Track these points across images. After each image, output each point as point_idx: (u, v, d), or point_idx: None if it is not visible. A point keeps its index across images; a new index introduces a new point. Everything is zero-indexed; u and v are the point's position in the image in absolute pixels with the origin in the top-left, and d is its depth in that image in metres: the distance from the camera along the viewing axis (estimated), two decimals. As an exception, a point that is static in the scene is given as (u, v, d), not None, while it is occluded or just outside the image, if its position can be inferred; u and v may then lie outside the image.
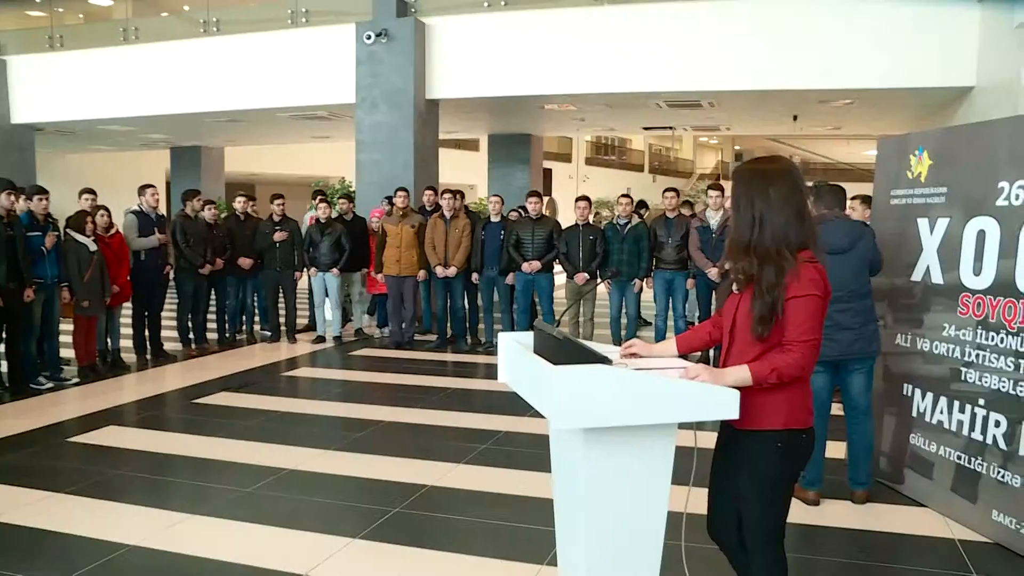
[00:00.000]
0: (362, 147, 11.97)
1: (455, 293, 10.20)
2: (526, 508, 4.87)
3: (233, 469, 5.73)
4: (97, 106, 14.64)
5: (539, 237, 9.55)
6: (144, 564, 4.20)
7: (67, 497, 5.17)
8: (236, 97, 13.45)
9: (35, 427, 6.84)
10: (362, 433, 6.61)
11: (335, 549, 4.32)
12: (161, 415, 7.46)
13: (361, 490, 5.31)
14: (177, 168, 20.43)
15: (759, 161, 2.87)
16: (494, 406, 7.34)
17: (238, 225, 10.57)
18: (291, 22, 12.92)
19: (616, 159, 41.34)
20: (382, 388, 8.41)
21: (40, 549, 4.40)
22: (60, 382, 8.36)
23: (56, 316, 8.33)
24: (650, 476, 2.71)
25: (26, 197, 8.07)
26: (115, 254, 8.85)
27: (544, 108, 13.97)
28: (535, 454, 5.85)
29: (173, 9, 17.30)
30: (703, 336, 3.14)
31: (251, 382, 8.56)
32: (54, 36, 15.28)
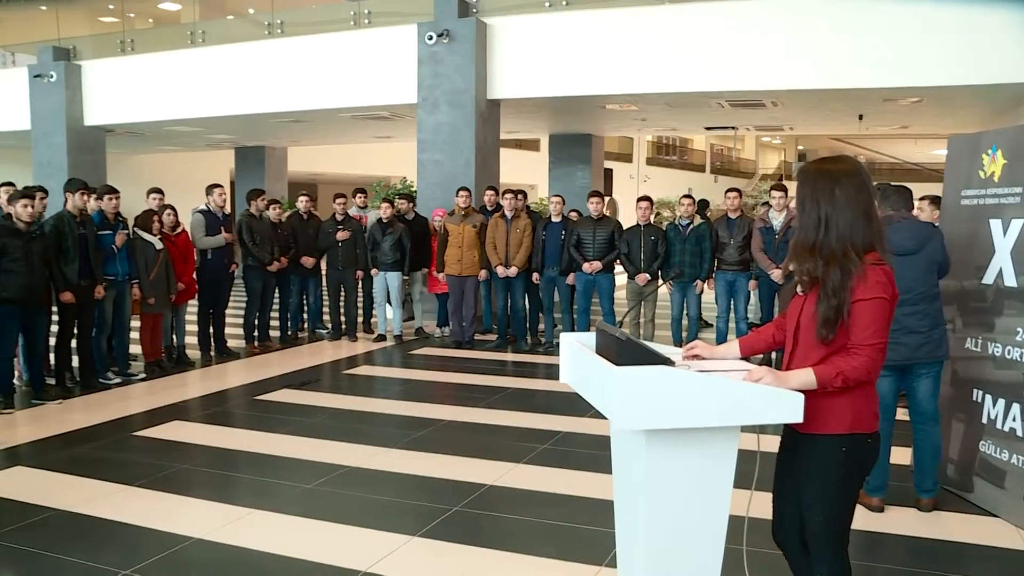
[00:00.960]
0: (423, 147, 12.02)
1: (516, 293, 10.20)
2: (585, 509, 4.85)
3: (295, 465, 5.79)
4: (165, 108, 14.91)
5: (600, 237, 9.52)
6: (207, 557, 4.26)
7: (134, 490, 5.28)
8: (300, 98, 13.60)
9: (104, 421, 7.00)
10: (422, 432, 6.64)
11: (395, 546, 4.35)
12: (225, 411, 7.58)
13: (421, 488, 5.34)
14: (241, 168, 20.72)
15: (825, 161, 2.83)
16: (554, 406, 7.33)
17: (301, 224, 10.69)
18: (354, 23, 13.03)
19: (677, 159, 41.03)
20: (442, 387, 8.45)
21: (109, 539, 4.50)
22: (128, 377, 8.54)
23: (126, 313, 8.51)
24: (712, 479, 2.68)
25: (97, 197, 8.25)
26: (181, 252, 9.01)
27: (605, 108, 13.91)
28: (595, 455, 5.83)
29: (238, 12, 17.57)
30: (766, 338, 3.10)
31: (313, 380, 8.66)
32: (125, 41, 15.60)
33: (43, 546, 4.37)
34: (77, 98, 15.53)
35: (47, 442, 6.42)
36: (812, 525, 2.79)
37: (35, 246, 7.14)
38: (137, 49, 15.32)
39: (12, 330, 7.26)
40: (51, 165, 15.38)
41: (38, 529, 4.63)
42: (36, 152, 15.79)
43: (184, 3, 17.44)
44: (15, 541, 4.45)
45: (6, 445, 6.31)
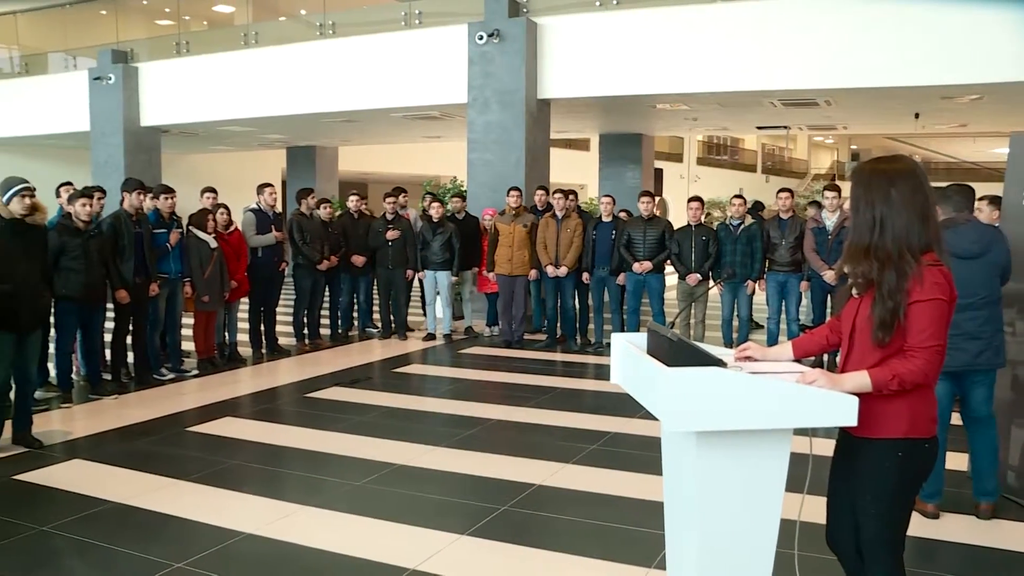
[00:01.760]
0: (474, 147, 12.04)
1: (566, 293, 10.18)
2: (635, 510, 4.83)
3: (344, 462, 5.83)
4: (219, 108, 15.10)
5: (651, 237, 9.47)
6: (258, 551, 4.31)
7: (187, 484, 5.35)
8: (351, 98, 13.69)
9: (157, 416, 7.10)
10: (471, 431, 6.65)
11: (443, 544, 4.35)
12: (275, 408, 7.65)
13: (469, 487, 5.34)
14: (293, 167, 20.92)
15: (880, 161, 2.78)
16: (603, 406, 7.30)
17: (352, 223, 10.77)
18: (404, 23, 13.09)
19: (728, 159, 40.70)
20: (491, 386, 8.45)
21: (162, 532, 4.57)
22: (181, 374, 8.65)
23: (179, 310, 8.63)
24: (764, 482, 2.66)
25: (153, 196, 8.37)
26: (234, 251, 9.11)
27: (656, 107, 13.83)
28: (645, 456, 5.79)
29: (290, 13, 17.76)
30: (820, 341, 3.06)
31: (363, 378, 8.71)
32: (180, 43, 15.82)
33: (99, 537, 4.45)
34: (134, 99, 15.79)
35: (103, 436, 6.54)
36: (867, 531, 2.74)
37: (93, 245, 7.26)
38: (192, 51, 15.53)
39: (71, 326, 7.39)
40: (108, 165, 15.66)
41: (94, 520, 4.72)
42: (94, 152, 16.10)
43: (238, 5, 17.67)
44: (73, 531, 4.54)
45: (65, 438, 6.44)
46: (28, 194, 5.95)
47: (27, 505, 5.00)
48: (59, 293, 7.03)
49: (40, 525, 4.63)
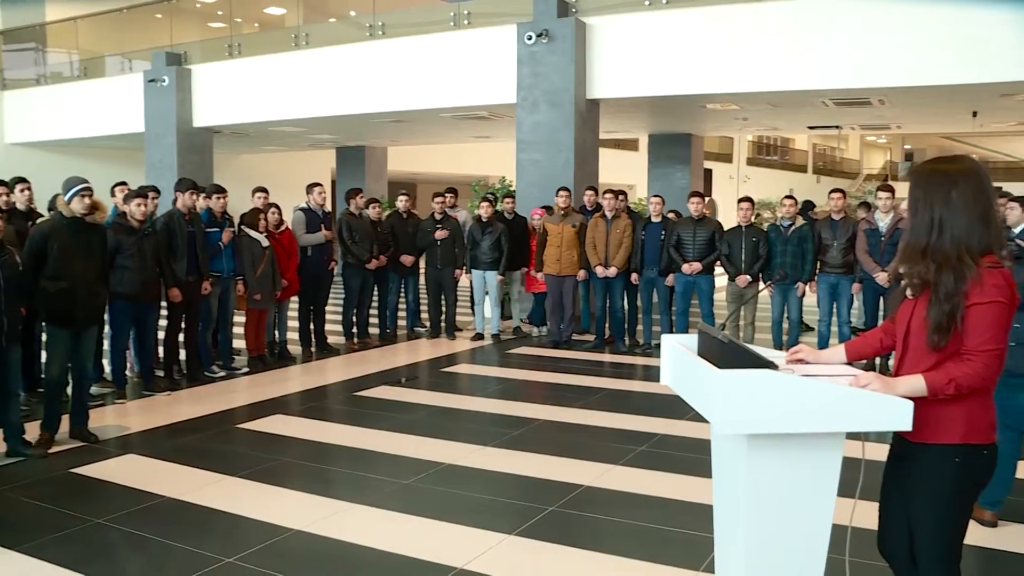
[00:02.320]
0: (523, 147, 12.03)
1: (614, 293, 10.13)
2: (683, 512, 4.79)
3: (392, 461, 5.86)
4: (270, 109, 15.25)
5: (700, 238, 9.40)
6: (306, 548, 4.34)
7: (237, 480, 5.42)
8: (400, 98, 13.75)
9: (209, 413, 7.20)
10: (519, 431, 6.64)
11: (490, 544, 4.36)
12: (324, 406, 7.71)
13: (517, 487, 5.34)
14: (342, 167, 21.06)
15: (939, 161, 2.73)
16: (652, 408, 7.26)
17: (400, 223, 10.81)
18: (453, 24, 13.12)
19: (778, 159, 40.32)
20: (539, 387, 8.45)
21: (212, 527, 4.63)
22: (232, 371, 8.75)
23: (231, 308, 8.73)
24: (815, 486, 2.63)
25: (206, 196, 8.48)
26: (285, 250, 9.20)
27: (705, 108, 13.73)
28: (693, 458, 5.75)
29: (341, 14, 17.88)
30: (874, 343, 3.01)
31: (411, 377, 8.74)
32: (232, 45, 16.01)
33: (152, 531, 4.52)
34: (187, 101, 16.02)
35: (156, 431, 6.64)
36: (922, 539, 2.69)
37: (147, 243, 7.36)
38: (244, 52, 15.70)
39: (125, 324, 7.50)
40: (162, 165, 15.90)
41: (147, 514, 4.79)
42: (148, 153, 16.35)
43: (288, 7, 17.82)
44: (127, 525, 4.62)
45: (119, 433, 6.54)
46: (88, 194, 6.06)
47: (83, 498, 5.10)
48: (114, 291, 7.15)
49: (96, 518, 4.72)
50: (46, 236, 6.02)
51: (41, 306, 6.05)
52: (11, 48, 19.55)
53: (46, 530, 4.55)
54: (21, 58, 19.60)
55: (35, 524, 4.65)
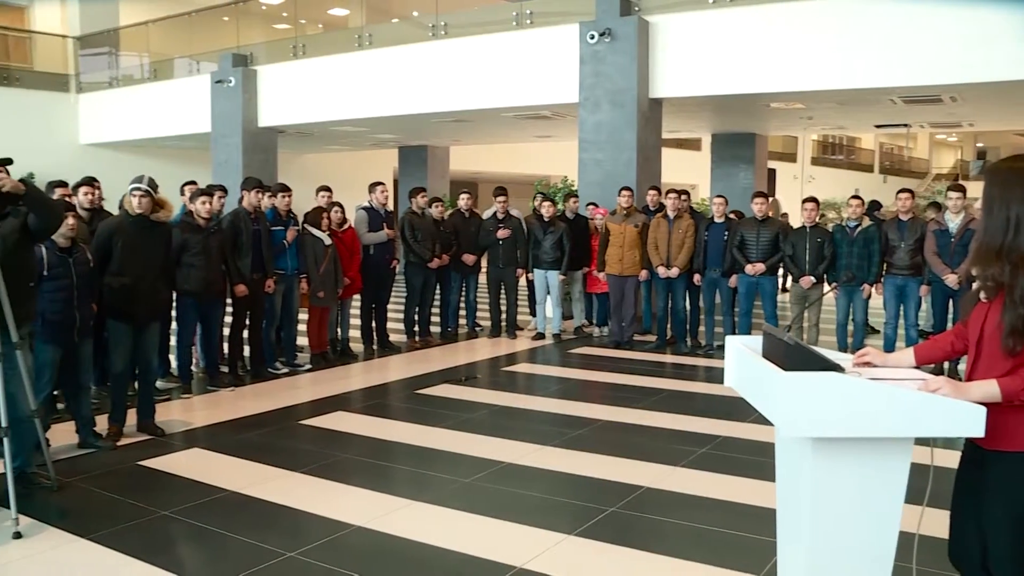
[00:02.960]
0: (585, 146, 11.98)
1: (676, 294, 10.05)
2: (745, 516, 4.73)
3: (453, 459, 5.88)
4: (333, 109, 15.39)
5: (764, 239, 9.28)
6: (367, 544, 4.37)
7: (299, 475, 5.47)
8: (462, 98, 13.79)
9: (272, 409, 7.29)
10: (579, 431, 6.62)
11: (550, 544, 4.34)
12: (385, 403, 7.77)
13: (577, 487, 5.32)
14: (405, 166, 21.18)
15: (1017, 159, 2.65)
16: (713, 410, 7.19)
17: (462, 222, 10.84)
18: (516, 24, 13.11)
19: (844, 159, 39.66)
20: (600, 387, 8.41)
21: (275, 521, 4.69)
22: (294, 368, 8.85)
23: (294, 306, 8.83)
24: (882, 493, 2.58)
25: (271, 194, 8.59)
26: (348, 248, 9.27)
27: (770, 107, 13.55)
28: (756, 461, 5.67)
29: (403, 15, 17.99)
30: (944, 347, 2.93)
31: (472, 376, 8.76)
32: (297, 46, 16.19)
33: (216, 524, 4.60)
34: (252, 101, 16.24)
35: (220, 426, 6.74)
36: (996, 548, 2.61)
37: (213, 241, 7.47)
38: (308, 53, 15.86)
39: (191, 320, 7.64)
40: (228, 164, 16.14)
41: (212, 507, 4.87)
42: (215, 152, 16.62)
43: (352, 8, 17.98)
44: (192, 517, 4.71)
45: (184, 427, 6.66)
46: (139, 193, 6.14)
47: (150, 490, 5.20)
48: (180, 288, 7.28)
49: (162, 509, 4.81)
50: (111, 233, 6.15)
51: (105, 302, 6.16)
52: (87, 53, 20.06)
53: (115, 520, 4.65)
54: (95, 62, 20.10)
55: (104, 514, 4.76)
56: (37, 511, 4.72)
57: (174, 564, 4.14)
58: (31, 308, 5.10)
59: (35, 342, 5.41)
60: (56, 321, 5.57)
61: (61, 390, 6.24)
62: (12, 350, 4.65)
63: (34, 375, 5.15)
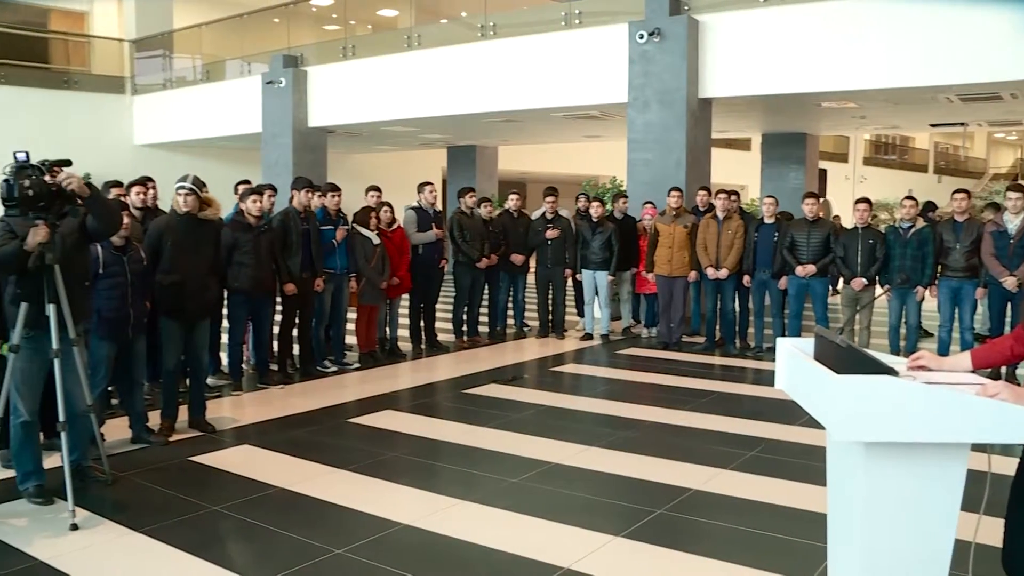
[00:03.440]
0: (634, 146, 11.93)
1: (726, 295, 9.97)
2: (794, 520, 4.67)
3: (500, 459, 5.88)
4: (382, 109, 15.47)
5: (815, 240, 9.17)
6: (415, 543, 4.39)
7: (347, 473, 5.51)
8: (511, 98, 13.79)
9: (320, 407, 7.35)
10: (627, 432, 6.59)
11: (597, 545, 4.33)
12: (433, 402, 7.79)
13: (624, 488, 5.29)
14: (453, 166, 21.24)
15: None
16: (762, 412, 7.12)
17: (511, 222, 10.85)
18: (564, 24, 13.09)
19: (897, 159, 39.03)
20: (648, 388, 8.36)
21: (322, 519, 4.72)
22: (343, 366, 8.91)
23: (343, 305, 8.88)
24: (937, 499, 2.53)
25: (320, 194, 8.65)
26: (396, 248, 9.31)
27: (821, 106, 13.38)
28: (806, 465, 5.61)
29: (452, 15, 18.03)
30: (1003, 351, 2.88)
31: (520, 376, 8.76)
32: (347, 47, 16.31)
33: (265, 520, 4.64)
34: (302, 102, 16.38)
35: (269, 423, 6.82)
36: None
37: (263, 240, 7.55)
38: (357, 54, 15.96)
39: (241, 318, 7.73)
40: (278, 164, 16.30)
41: (261, 504, 4.92)
42: (265, 152, 16.80)
43: (401, 9, 18.07)
44: (241, 513, 4.76)
45: (234, 424, 6.74)
46: (183, 192, 6.22)
47: (200, 485, 5.27)
48: (230, 286, 7.37)
49: (212, 505, 4.87)
50: (161, 232, 6.25)
51: (156, 299, 6.25)
52: (142, 55, 20.41)
53: (166, 514, 4.72)
54: (150, 64, 20.45)
55: (157, 508, 4.84)
56: (92, 504, 4.81)
57: (224, 559, 4.18)
58: (87, 306, 5.20)
59: (91, 339, 5.53)
60: (111, 318, 5.68)
61: (115, 386, 6.37)
62: (69, 347, 4.74)
63: (90, 371, 5.25)
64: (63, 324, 4.69)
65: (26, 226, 4.59)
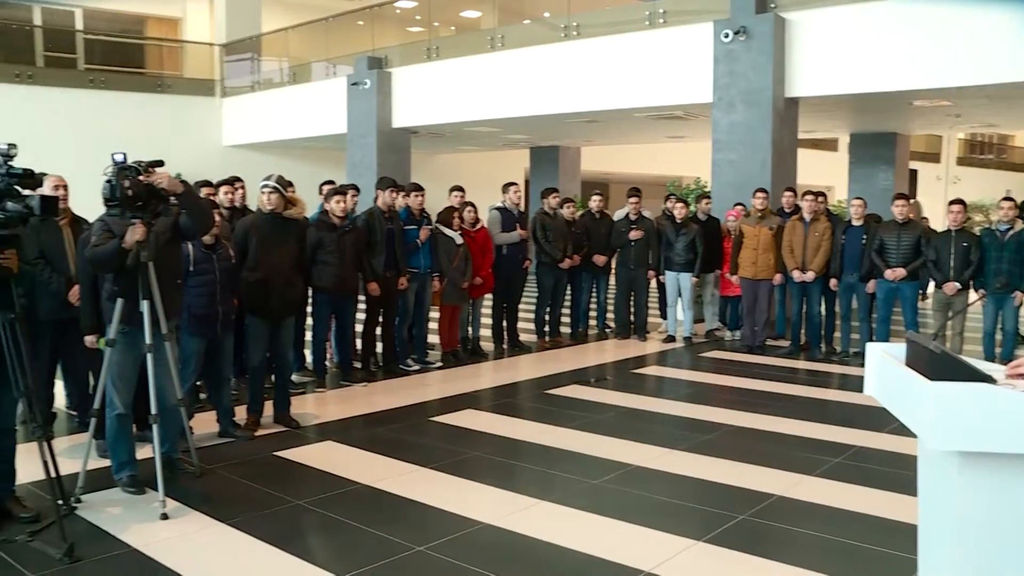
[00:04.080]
0: (718, 147, 11.79)
1: (812, 298, 9.78)
2: (882, 530, 4.55)
3: (581, 460, 5.86)
4: (465, 109, 15.56)
5: (905, 243, 8.94)
6: (494, 542, 4.40)
7: (428, 471, 5.55)
8: (594, 98, 13.75)
9: (402, 405, 7.42)
10: (709, 435, 6.51)
11: (679, 549, 4.28)
12: (515, 402, 7.81)
13: (706, 493, 5.23)
14: (536, 167, 21.27)
15: None
16: (848, 418, 6.97)
17: (594, 222, 10.82)
18: (648, 23, 13.00)
19: (994, 158, 37.80)
20: (730, 392, 8.25)
21: (404, 516, 4.77)
22: (425, 365, 8.98)
23: (426, 304, 8.94)
24: (1035, 512, 2.42)
25: (404, 194, 8.73)
26: (479, 248, 9.34)
27: (913, 104, 13.02)
28: (894, 473, 5.46)
29: (535, 16, 18.06)
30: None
31: (601, 377, 8.72)
32: (430, 48, 16.45)
33: (347, 515, 4.70)
34: (387, 103, 16.57)
35: (352, 421, 6.91)
36: None
37: (347, 239, 7.65)
38: (441, 55, 16.09)
39: (325, 316, 7.85)
40: (362, 164, 16.51)
41: (343, 499, 4.99)
42: (350, 153, 17.03)
43: (484, 10, 18.15)
44: (324, 508, 4.83)
45: (318, 420, 6.84)
46: (268, 191, 6.34)
47: (285, 480, 5.36)
48: (315, 285, 7.48)
49: (295, 499, 4.95)
50: (247, 230, 6.39)
51: (242, 296, 6.37)
52: (231, 59, 20.93)
53: (251, 507, 4.82)
54: (238, 67, 20.97)
55: (242, 501, 4.94)
56: (181, 495, 4.93)
57: (307, 553, 4.25)
58: (178, 302, 5.34)
59: (181, 335, 5.67)
60: (201, 315, 5.82)
61: (204, 381, 6.52)
62: (161, 342, 4.87)
63: (180, 366, 5.38)
64: (156, 320, 4.82)
65: (123, 225, 4.74)
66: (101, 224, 4.88)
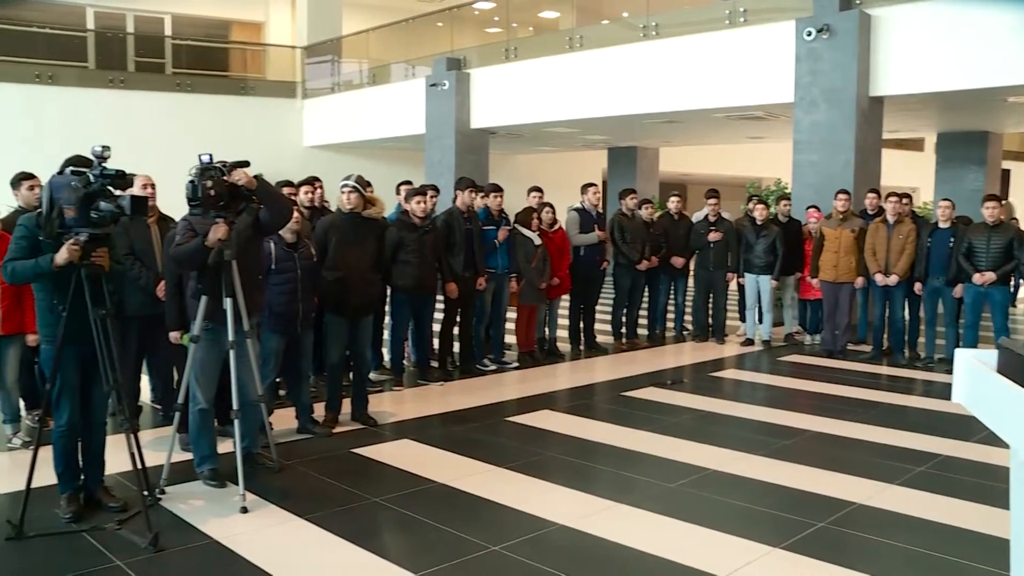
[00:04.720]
0: (799, 147, 11.59)
1: (895, 302, 9.56)
2: (970, 543, 4.41)
3: (657, 463, 5.81)
4: (544, 110, 15.57)
5: (995, 246, 8.68)
6: (569, 543, 4.39)
7: (504, 471, 5.56)
8: (673, 99, 13.64)
9: (479, 404, 7.46)
10: (787, 441, 6.41)
11: (755, 556, 4.22)
12: (591, 404, 7.78)
13: (784, 499, 5.15)
14: (614, 168, 21.18)
15: None
16: (933, 426, 6.80)
17: (672, 224, 10.74)
18: (728, 22, 12.85)
19: (1095, 156, 36.42)
20: (810, 396, 8.11)
21: (479, 515, 4.79)
22: (502, 365, 9.01)
23: (504, 304, 8.97)
24: None
25: (483, 194, 8.77)
26: (557, 248, 9.33)
27: (1007, 101, 12.62)
28: (982, 484, 5.31)
29: (614, 16, 17.97)
30: None
31: (679, 379, 8.65)
32: (509, 49, 16.50)
33: (424, 513, 4.74)
34: (465, 103, 16.67)
35: (429, 419, 6.96)
36: None
37: (427, 239, 7.71)
38: (519, 56, 16.12)
39: (404, 315, 7.91)
40: (441, 165, 16.64)
41: (420, 497, 5.03)
42: (428, 153, 17.17)
43: (563, 11, 18.15)
44: (401, 505, 4.89)
45: (395, 418, 6.91)
46: (347, 190, 6.43)
47: (362, 477, 5.43)
48: (394, 284, 7.56)
49: (373, 496, 5.01)
50: (327, 229, 6.48)
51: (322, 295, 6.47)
52: (312, 61, 21.31)
53: (329, 503, 4.89)
54: (319, 69, 21.35)
55: (320, 497, 5.02)
56: (260, 489, 5.03)
57: (382, 550, 4.29)
58: (260, 299, 5.44)
59: (262, 332, 5.78)
60: (281, 312, 5.94)
61: (283, 378, 6.64)
62: (243, 339, 4.98)
63: (260, 363, 5.48)
64: (238, 317, 4.93)
65: (206, 224, 4.86)
66: (185, 223, 5.02)
